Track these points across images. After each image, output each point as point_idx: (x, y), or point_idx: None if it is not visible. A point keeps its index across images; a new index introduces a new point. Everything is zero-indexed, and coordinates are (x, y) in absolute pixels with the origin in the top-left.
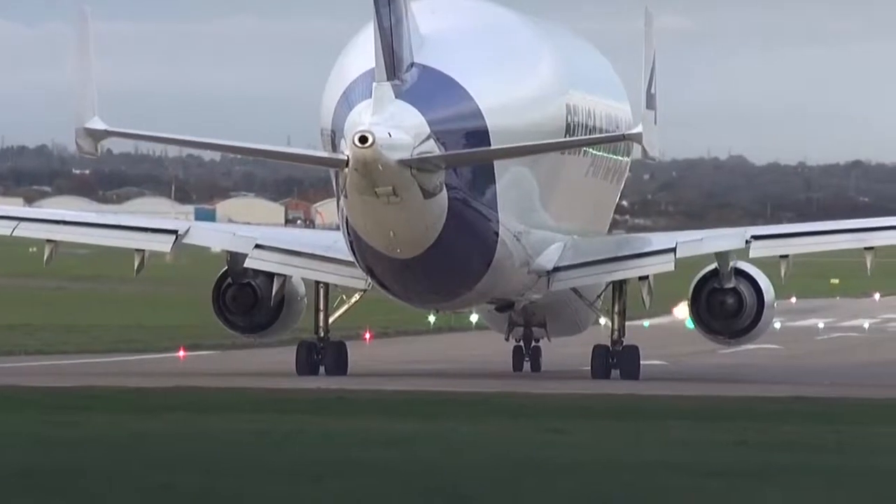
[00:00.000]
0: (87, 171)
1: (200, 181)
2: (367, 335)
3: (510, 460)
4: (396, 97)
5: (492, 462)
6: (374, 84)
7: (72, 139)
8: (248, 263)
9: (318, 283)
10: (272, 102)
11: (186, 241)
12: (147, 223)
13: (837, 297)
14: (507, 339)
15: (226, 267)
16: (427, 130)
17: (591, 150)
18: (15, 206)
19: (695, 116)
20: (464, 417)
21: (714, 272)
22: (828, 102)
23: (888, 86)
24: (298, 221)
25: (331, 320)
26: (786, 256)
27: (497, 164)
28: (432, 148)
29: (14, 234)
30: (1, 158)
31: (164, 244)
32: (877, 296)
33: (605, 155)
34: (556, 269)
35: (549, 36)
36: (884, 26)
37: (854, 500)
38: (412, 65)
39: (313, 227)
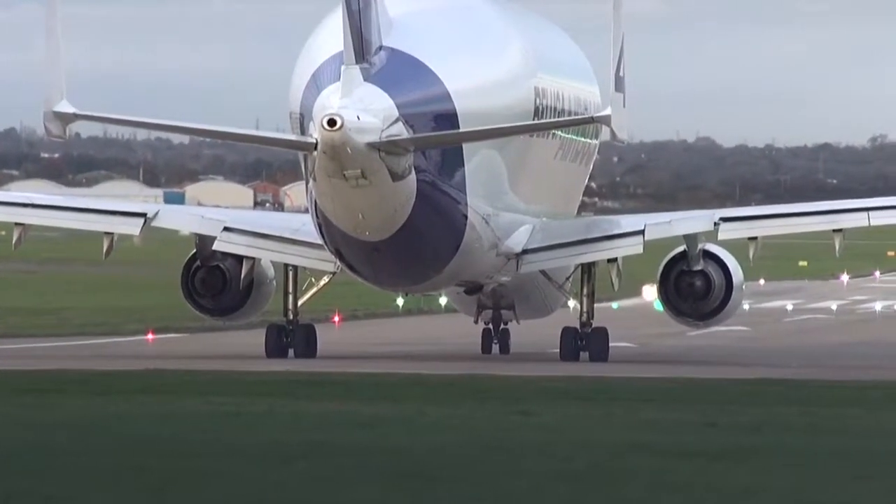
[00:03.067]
0: (56, 155)
1: (169, 164)
2: (337, 318)
3: (478, 442)
4: (365, 80)
5: (460, 444)
6: (343, 67)
7: (40, 122)
8: (216, 246)
9: (286, 265)
10: (241, 85)
11: (155, 224)
12: (116, 206)
13: (806, 280)
14: (475, 322)
15: (194, 250)
16: (395, 113)
17: (559, 132)
18: None
19: (663, 98)
20: (432, 400)
21: (683, 254)
22: (796, 85)
23: (857, 68)
24: (267, 204)
25: (300, 303)
26: (754, 239)
27: (466, 146)
28: (401, 131)
29: None
30: None
31: (133, 227)
32: (845, 278)
33: (574, 137)
34: (525, 252)
35: (517, 19)
36: (853, 8)
37: (824, 482)
38: (381, 47)
39: (282, 210)
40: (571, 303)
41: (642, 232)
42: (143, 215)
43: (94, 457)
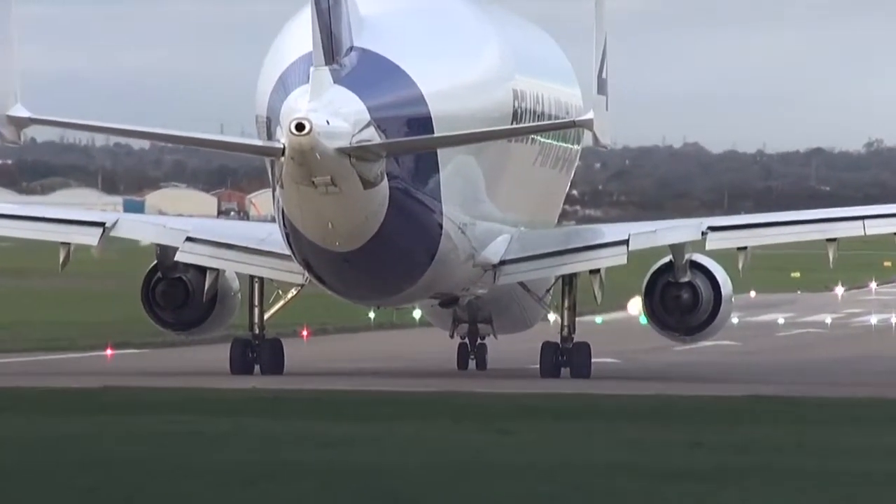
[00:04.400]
0: (10, 161)
1: (129, 171)
2: (305, 332)
3: (454, 463)
4: (335, 82)
5: (433, 465)
6: (312, 68)
7: None
8: (178, 257)
9: (252, 277)
10: (204, 88)
11: (114, 233)
12: (73, 215)
13: (798, 292)
14: (451, 336)
15: (155, 261)
16: (367, 117)
17: (539, 137)
18: None
19: (648, 102)
20: (405, 418)
21: (669, 265)
22: (788, 87)
23: (852, 69)
24: (232, 213)
25: (266, 317)
26: (744, 248)
27: (441, 152)
28: (372, 135)
29: None
30: None
31: (90, 237)
32: (839, 290)
33: (555, 143)
34: (503, 263)
35: (494, 19)
36: (848, 6)
37: None
38: (351, 48)
39: (247, 219)
40: (552, 316)
41: (626, 242)
42: (102, 225)
43: (48, 478)
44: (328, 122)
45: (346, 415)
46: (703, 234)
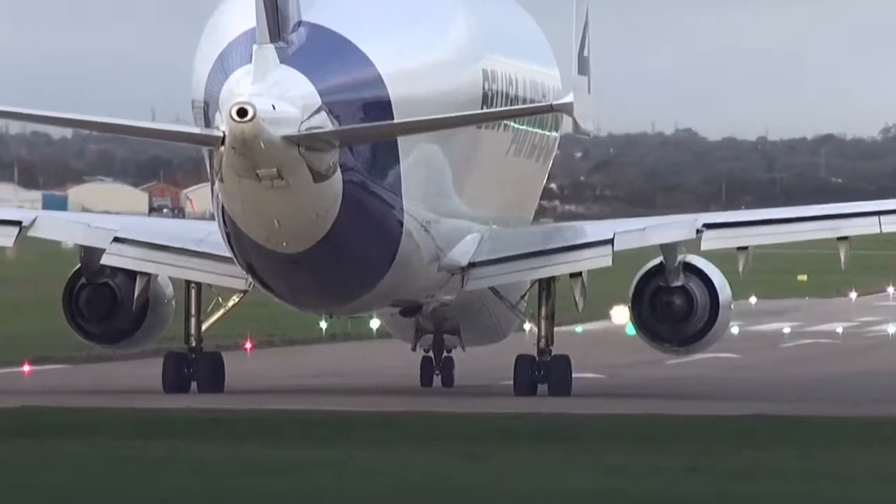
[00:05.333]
0: None
1: (49, 163)
2: (248, 344)
3: (417, 492)
4: (281, 62)
5: (396, 494)
6: (255, 47)
7: None
8: (105, 260)
9: (188, 283)
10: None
11: (32, 233)
12: None
13: (806, 297)
14: (413, 349)
15: (79, 264)
16: (318, 101)
17: (512, 123)
18: None
19: (636, 83)
20: (362, 442)
21: (659, 268)
22: (794, 67)
23: (865, 47)
24: (165, 210)
25: (204, 327)
26: (744, 248)
27: (401, 141)
28: (324, 122)
29: None
30: None
31: (5, 237)
32: (853, 295)
33: (530, 129)
34: (472, 265)
35: None
36: None
37: None
38: (300, 23)
39: (183, 217)
40: (527, 326)
41: (611, 241)
42: (18, 223)
43: None
44: (273, 107)
45: (296, 438)
46: (697, 232)
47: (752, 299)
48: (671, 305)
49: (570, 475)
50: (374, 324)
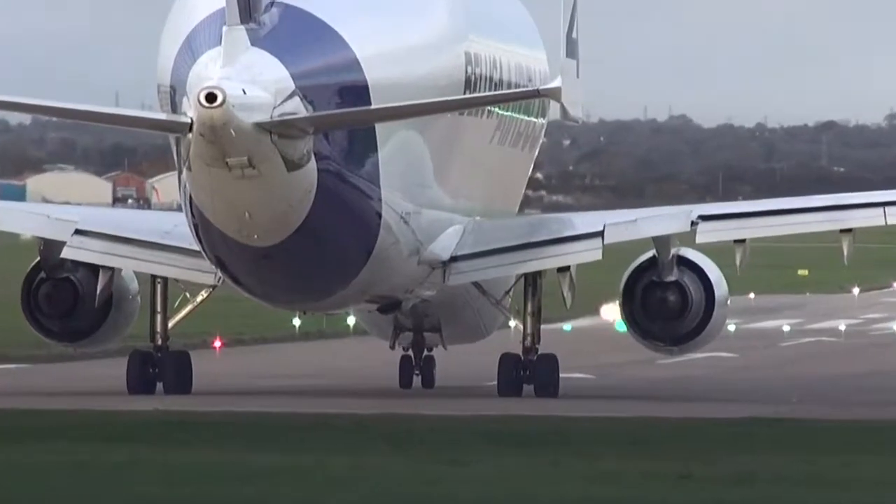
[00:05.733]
0: None
1: (6, 151)
2: (217, 343)
3: (396, 501)
4: (252, 44)
5: (373, 502)
6: (225, 28)
7: None
8: (65, 254)
9: (154, 277)
10: (96, 51)
11: None
12: None
13: (807, 293)
14: (392, 348)
15: (38, 258)
16: (291, 86)
17: (497, 109)
18: None
19: (628, 68)
20: (338, 447)
21: (652, 262)
22: (794, 48)
23: (870, 29)
24: (130, 200)
25: (171, 324)
26: (742, 241)
27: (380, 128)
28: (297, 107)
29: None
30: None
31: None
32: (856, 290)
33: (515, 116)
34: (454, 259)
35: None
36: None
37: None
38: (272, 4)
39: (148, 208)
40: (512, 323)
41: (601, 234)
42: None
43: None
44: (244, 92)
45: (267, 443)
46: (692, 224)
47: (750, 295)
48: (664, 302)
49: (558, 482)
50: (351, 321)
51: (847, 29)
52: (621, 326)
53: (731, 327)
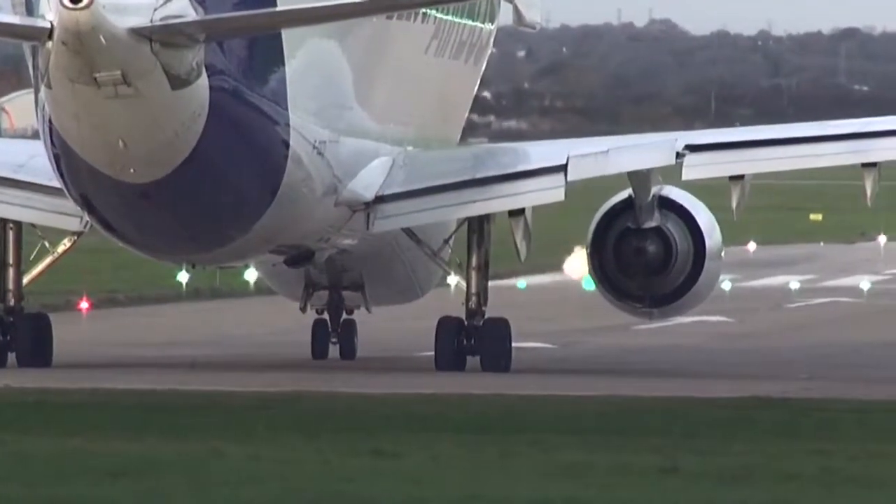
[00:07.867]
0: None
1: None
2: (84, 303)
3: (305, 499)
4: None
5: (277, 502)
6: None
7: None
8: None
9: (5, 222)
10: None
11: None
12: None
13: (821, 243)
14: (303, 310)
15: None
16: None
17: (434, 12)
18: None
19: None
20: (233, 433)
21: (628, 204)
22: None
23: None
24: None
25: (25, 281)
26: (739, 178)
27: (287, 35)
28: (185, 9)
29: None
30: None
31: None
32: (881, 239)
33: (457, 20)
34: (381, 200)
35: None
36: None
37: None
38: None
39: None
40: (453, 280)
41: (564, 168)
42: None
43: None
44: None
45: (146, 427)
46: (677, 156)
47: (751, 245)
48: (642, 253)
49: (509, 477)
50: (252, 276)
51: None
52: (589, 284)
53: (727, 285)
